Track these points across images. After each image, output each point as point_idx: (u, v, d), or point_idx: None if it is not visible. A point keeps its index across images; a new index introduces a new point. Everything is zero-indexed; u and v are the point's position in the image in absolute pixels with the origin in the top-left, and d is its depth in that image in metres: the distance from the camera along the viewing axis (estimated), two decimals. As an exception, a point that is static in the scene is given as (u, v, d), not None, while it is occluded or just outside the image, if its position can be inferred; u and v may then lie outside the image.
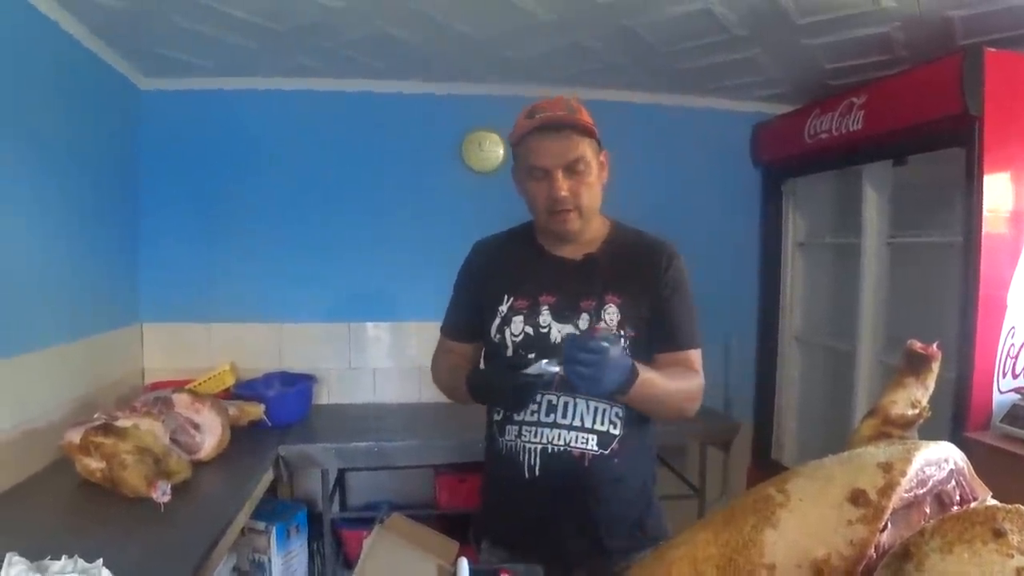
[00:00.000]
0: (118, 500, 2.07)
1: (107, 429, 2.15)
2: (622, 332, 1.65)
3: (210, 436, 2.54)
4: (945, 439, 1.00)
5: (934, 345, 1.14)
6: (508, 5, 2.57)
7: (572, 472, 1.65)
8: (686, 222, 3.84)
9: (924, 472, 0.92)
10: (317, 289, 3.60)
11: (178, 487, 2.13)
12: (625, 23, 2.74)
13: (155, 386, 3.17)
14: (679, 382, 1.66)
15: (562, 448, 1.65)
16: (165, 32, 2.79)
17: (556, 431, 1.65)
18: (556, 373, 1.44)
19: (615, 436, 1.67)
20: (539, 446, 1.66)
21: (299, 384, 3.37)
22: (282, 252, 3.56)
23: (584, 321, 1.66)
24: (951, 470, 0.97)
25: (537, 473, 1.66)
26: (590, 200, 1.67)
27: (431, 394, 3.64)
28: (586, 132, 1.64)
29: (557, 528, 1.68)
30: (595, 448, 1.65)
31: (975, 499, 0.99)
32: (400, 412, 3.53)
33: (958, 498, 0.98)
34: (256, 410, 2.90)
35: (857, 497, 0.86)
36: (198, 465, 2.42)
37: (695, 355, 1.74)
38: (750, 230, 3.92)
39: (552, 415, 1.65)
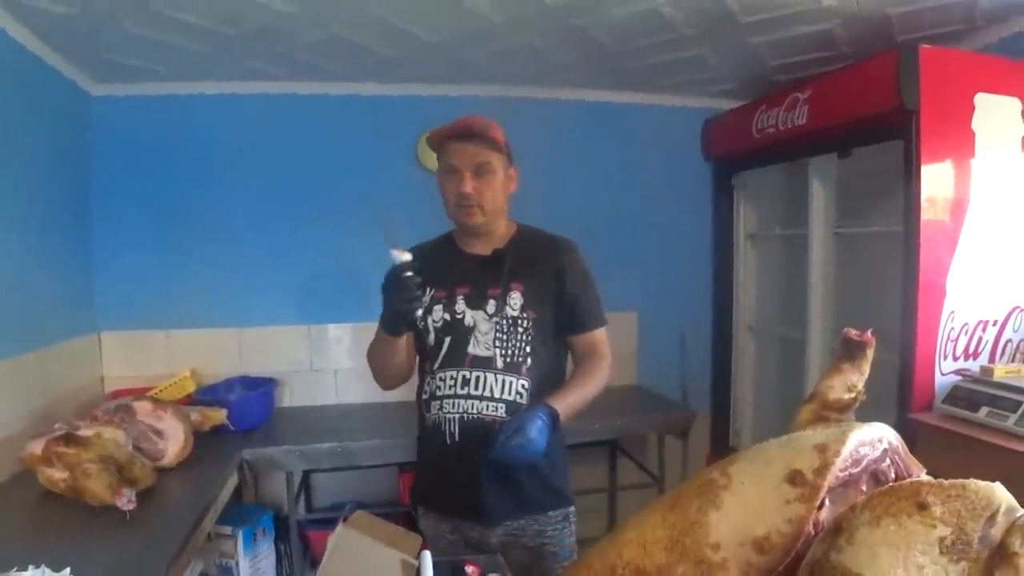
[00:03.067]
0: (83, 510, 2.06)
1: (69, 439, 2.14)
2: (525, 314, 1.91)
3: (173, 443, 2.53)
4: (891, 420, 1.05)
5: (868, 332, 1.20)
6: (461, 8, 2.60)
7: (485, 437, 1.82)
8: (640, 216, 3.94)
9: (858, 452, 0.98)
10: (276, 292, 3.60)
11: (143, 494, 2.14)
12: (575, 23, 2.79)
13: (116, 394, 3.15)
14: (589, 382, 1.91)
15: (475, 416, 1.88)
16: (116, 38, 2.77)
17: (470, 401, 1.89)
18: (404, 259, 1.75)
19: (522, 405, 1.88)
20: (457, 415, 1.90)
21: (261, 388, 3.36)
22: (239, 256, 3.55)
23: (491, 307, 1.92)
24: (885, 449, 1.02)
25: (457, 439, 1.90)
26: (493, 201, 1.92)
27: (393, 393, 3.64)
28: (493, 146, 1.90)
29: (477, 488, 1.89)
30: (504, 415, 1.87)
31: (910, 476, 1.04)
32: (363, 412, 3.55)
33: (893, 476, 1.03)
34: (218, 415, 2.90)
35: (794, 477, 0.91)
36: (162, 472, 2.42)
37: (601, 334, 1.99)
38: (702, 223, 3.99)
39: (466, 388, 1.89)
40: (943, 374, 2.60)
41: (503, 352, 1.90)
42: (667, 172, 3.93)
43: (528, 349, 1.91)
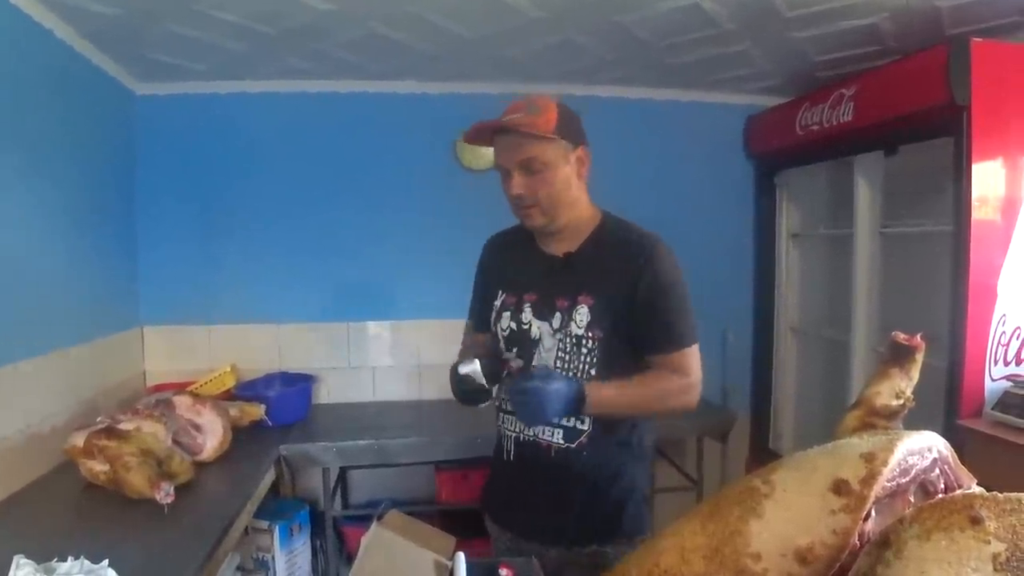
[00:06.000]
0: (122, 502, 2.09)
1: (110, 432, 2.17)
2: (590, 333, 1.70)
3: (212, 437, 2.56)
4: (938, 427, 1.01)
5: (918, 336, 1.16)
6: (499, 4, 2.59)
7: (540, 460, 1.76)
8: (680, 215, 3.87)
9: (907, 461, 0.94)
10: (315, 289, 3.62)
11: (181, 488, 2.16)
12: (615, 19, 2.76)
13: (156, 388, 3.20)
14: (649, 387, 1.69)
15: (531, 438, 1.77)
16: (159, 37, 2.81)
17: None
18: (476, 375, 1.66)
19: (583, 432, 1.73)
20: (514, 434, 1.81)
21: (299, 384, 3.39)
22: (280, 253, 3.58)
23: (557, 320, 1.74)
24: (934, 459, 0.98)
25: (512, 457, 1.82)
26: (552, 197, 1.71)
27: (430, 391, 3.70)
28: (538, 137, 1.66)
29: (531, 507, 1.80)
30: (560, 441, 1.74)
31: (960, 487, 1.00)
32: (400, 409, 3.55)
33: (943, 486, 0.99)
34: (257, 410, 2.92)
35: (840, 487, 0.88)
36: (200, 466, 2.45)
37: (680, 356, 1.71)
38: (744, 222, 3.95)
39: None
40: (993, 380, 2.53)
41: (564, 373, 1.71)
42: (708, 170, 3.87)
43: (592, 372, 1.70)
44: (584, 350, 1.71)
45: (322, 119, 3.56)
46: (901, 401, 1.14)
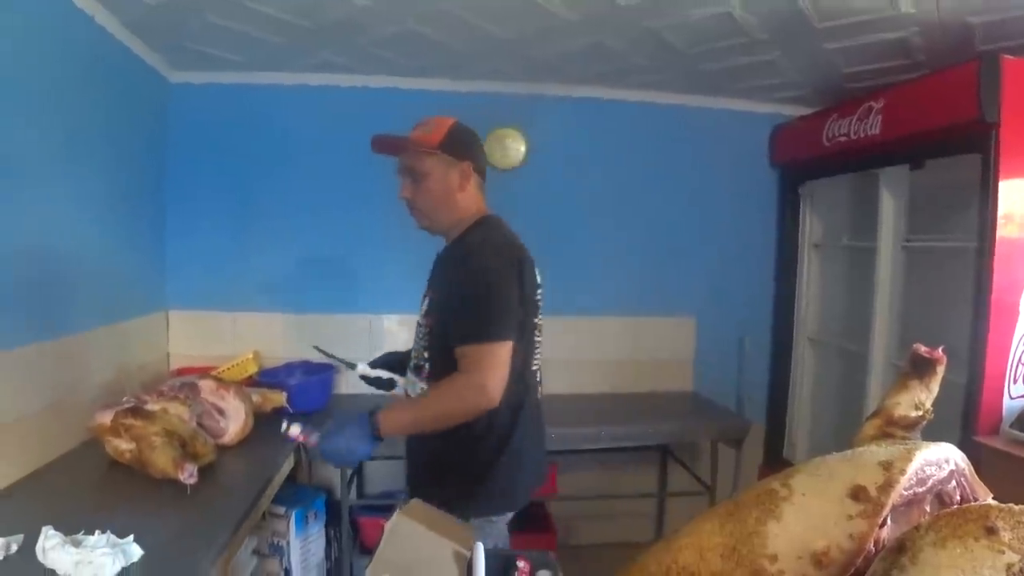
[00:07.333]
0: (146, 481, 2.13)
1: (136, 412, 2.21)
2: (425, 320, 1.96)
3: (234, 422, 2.60)
4: (955, 443, 1.03)
5: (939, 349, 1.18)
6: (534, 5, 2.61)
7: None
8: (703, 221, 3.90)
9: (924, 471, 0.96)
10: (339, 281, 3.66)
11: (203, 470, 2.19)
12: (647, 25, 2.78)
13: (180, 372, 3.24)
14: (440, 395, 1.83)
15: None
16: (196, 27, 2.85)
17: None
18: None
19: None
20: None
21: (320, 373, 3.41)
22: (306, 244, 3.62)
23: (419, 310, 2.02)
24: (951, 470, 1.00)
25: None
26: (426, 204, 1.99)
27: (447, 386, 3.71)
28: (413, 151, 1.98)
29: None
30: None
31: (975, 499, 1.02)
32: (417, 402, 3.58)
33: (958, 498, 1.01)
34: (278, 398, 2.95)
35: (858, 493, 0.90)
36: (222, 449, 2.48)
37: (473, 350, 1.78)
38: (767, 231, 3.95)
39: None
40: (1012, 398, 2.52)
41: (414, 354, 2.00)
42: (733, 178, 3.88)
43: (426, 355, 1.94)
44: (421, 335, 1.97)
45: (353, 113, 3.57)
46: (920, 413, 1.16)
